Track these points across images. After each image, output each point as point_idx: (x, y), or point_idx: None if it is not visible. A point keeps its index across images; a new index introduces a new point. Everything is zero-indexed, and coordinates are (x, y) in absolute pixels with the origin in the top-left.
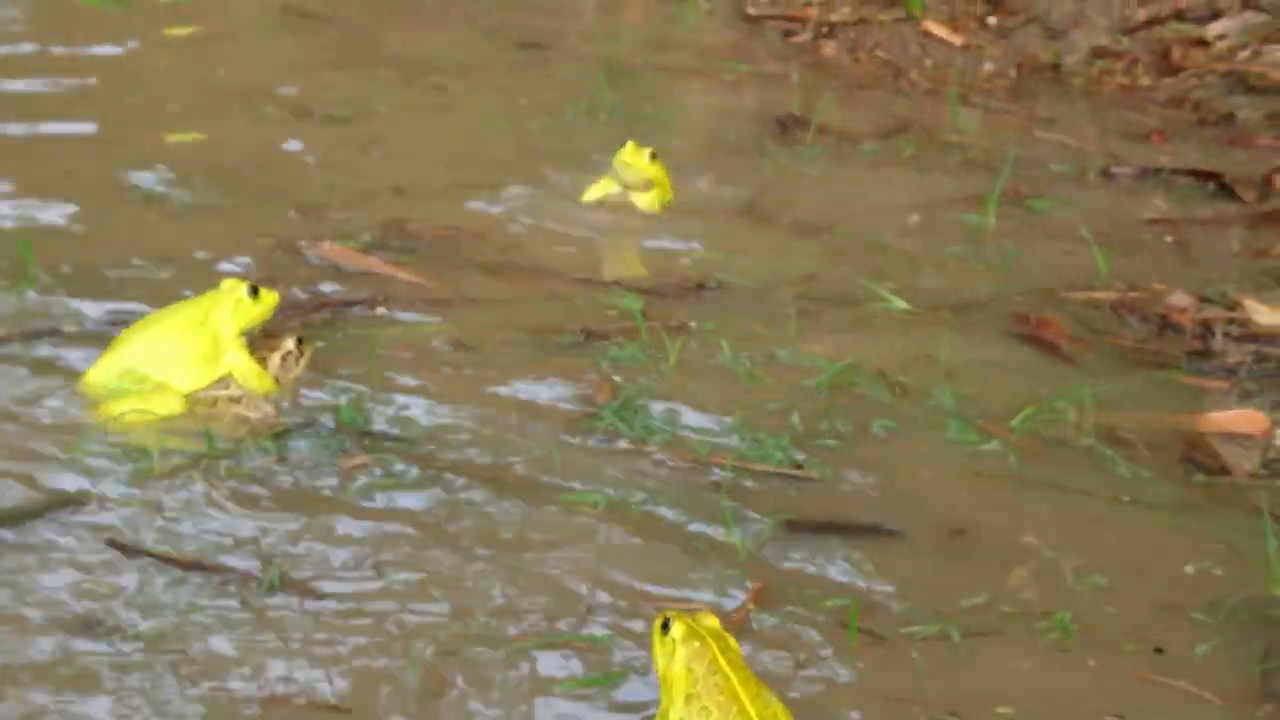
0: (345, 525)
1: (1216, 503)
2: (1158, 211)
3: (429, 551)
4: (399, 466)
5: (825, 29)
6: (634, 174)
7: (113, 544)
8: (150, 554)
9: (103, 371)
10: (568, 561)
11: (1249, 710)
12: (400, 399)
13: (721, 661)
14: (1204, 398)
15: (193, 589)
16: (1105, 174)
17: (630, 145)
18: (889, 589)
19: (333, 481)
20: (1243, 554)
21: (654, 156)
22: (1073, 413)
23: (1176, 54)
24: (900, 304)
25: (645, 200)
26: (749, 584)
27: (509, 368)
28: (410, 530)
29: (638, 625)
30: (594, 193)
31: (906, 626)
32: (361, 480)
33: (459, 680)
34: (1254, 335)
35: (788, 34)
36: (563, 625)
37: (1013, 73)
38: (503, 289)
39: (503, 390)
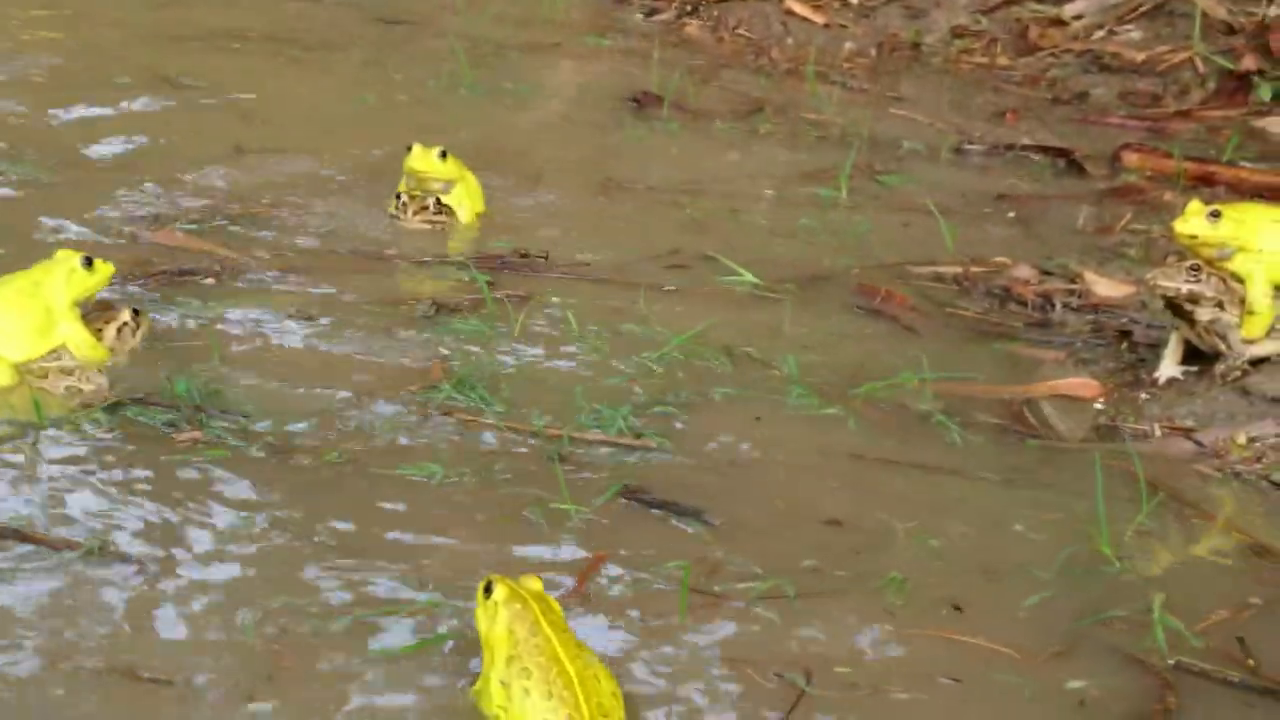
0: (174, 498)
1: (1048, 467)
2: (1007, 188)
3: (260, 524)
4: (233, 440)
5: (689, 7)
6: (427, 179)
7: None
8: None
9: None
10: (402, 532)
11: (1049, 664)
12: (235, 372)
13: (543, 623)
14: (1041, 366)
15: (13, 558)
16: (958, 151)
17: (417, 148)
18: (725, 553)
19: (164, 455)
20: (1073, 515)
21: (444, 155)
22: (912, 381)
23: (1034, 33)
24: (749, 277)
25: (454, 203)
26: (589, 554)
27: (350, 340)
28: (242, 503)
29: (466, 593)
30: (396, 205)
31: (742, 586)
32: (193, 454)
33: (288, 651)
34: (1093, 306)
35: (651, 13)
36: (394, 594)
37: (873, 52)
38: (350, 262)
39: (341, 363)
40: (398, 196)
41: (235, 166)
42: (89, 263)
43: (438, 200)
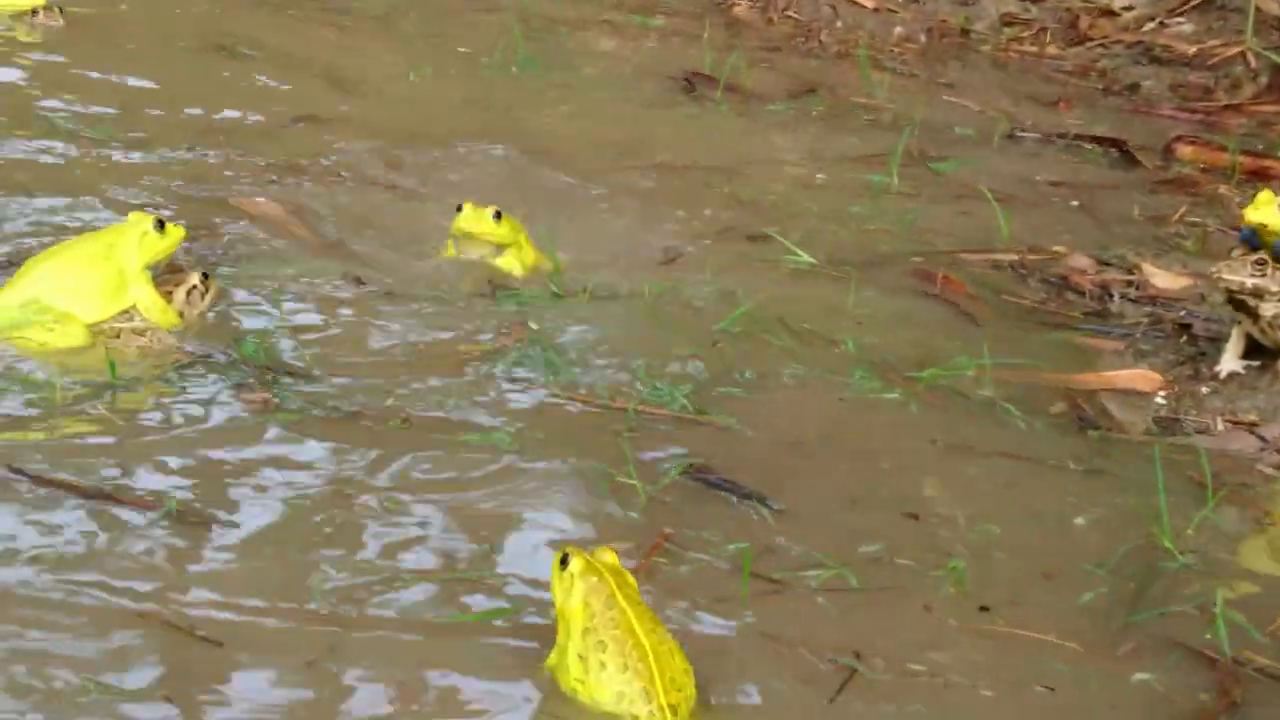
0: (244, 460)
1: (1109, 458)
2: (1060, 176)
3: (328, 488)
4: (300, 404)
5: None
6: (479, 243)
7: (14, 470)
8: (52, 482)
9: (5, 301)
10: (469, 499)
11: (1110, 656)
12: (303, 336)
13: (618, 596)
14: (1100, 357)
15: (93, 516)
16: (1010, 138)
17: (468, 208)
18: (787, 537)
19: (233, 416)
20: (1134, 508)
21: (499, 216)
22: (972, 368)
23: (1084, 23)
24: (805, 257)
25: (505, 263)
26: (653, 530)
27: (415, 309)
28: (311, 466)
29: (538, 563)
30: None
31: (803, 572)
32: (261, 416)
33: (354, 618)
34: (1151, 298)
35: None
36: (462, 562)
37: (922, 37)
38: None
39: (407, 330)
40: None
41: (294, 136)
42: (161, 226)
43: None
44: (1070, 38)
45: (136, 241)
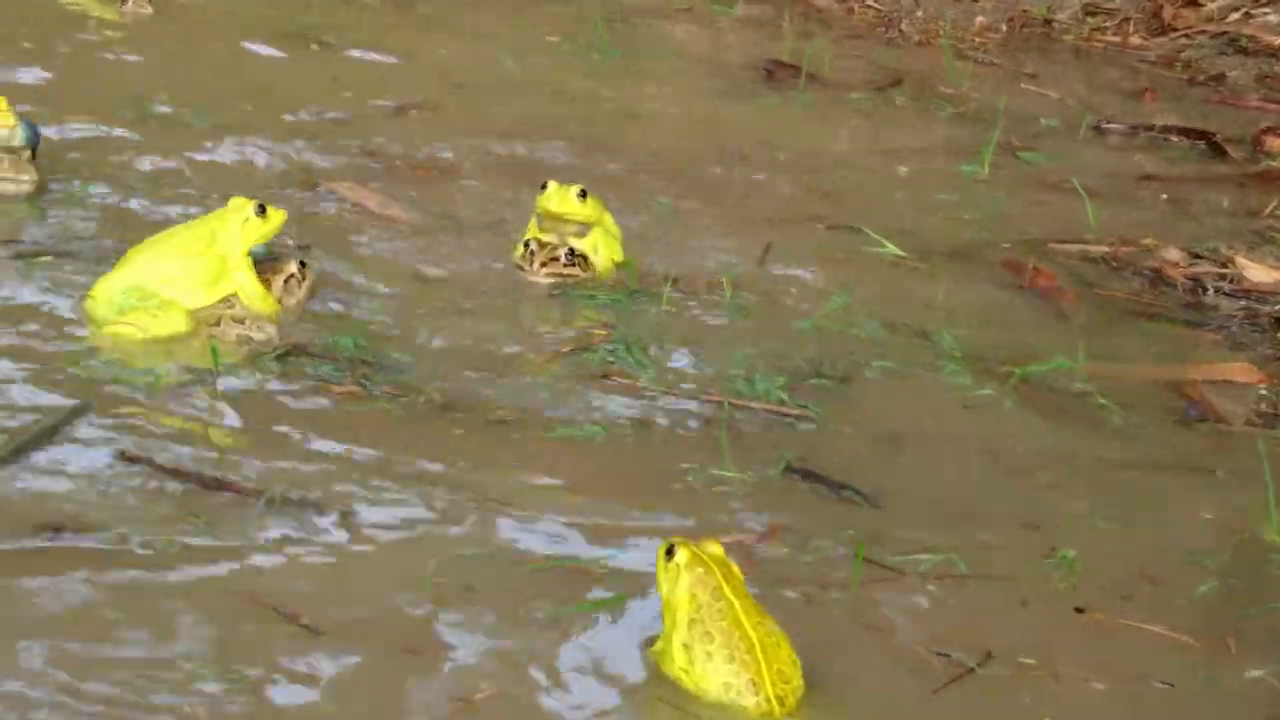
0: (344, 449)
1: (1211, 451)
2: (1148, 168)
3: (428, 480)
4: (396, 395)
5: None
6: (562, 222)
7: (124, 456)
8: (160, 467)
9: (109, 287)
10: (565, 492)
11: (1223, 651)
12: (397, 329)
13: (725, 588)
14: (1196, 350)
15: (197, 502)
16: (1096, 129)
17: (552, 186)
18: (891, 530)
19: (329, 405)
20: (1239, 501)
21: (584, 195)
22: (1068, 362)
23: (1168, 14)
24: (893, 249)
25: (589, 250)
26: (753, 522)
27: (504, 305)
28: (409, 458)
29: (639, 554)
30: (523, 254)
31: (909, 565)
32: (358, 406)
33: (453, 608)
34: (1245, 291)
35: None
36: (563, 552)
37: (1004, 27)
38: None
39: (497, 326)
40: (525, 244)
41: (385, 125)
42: (262, 210)
43: (571, 250)
44: (1153, 28)
45: (238, 227)
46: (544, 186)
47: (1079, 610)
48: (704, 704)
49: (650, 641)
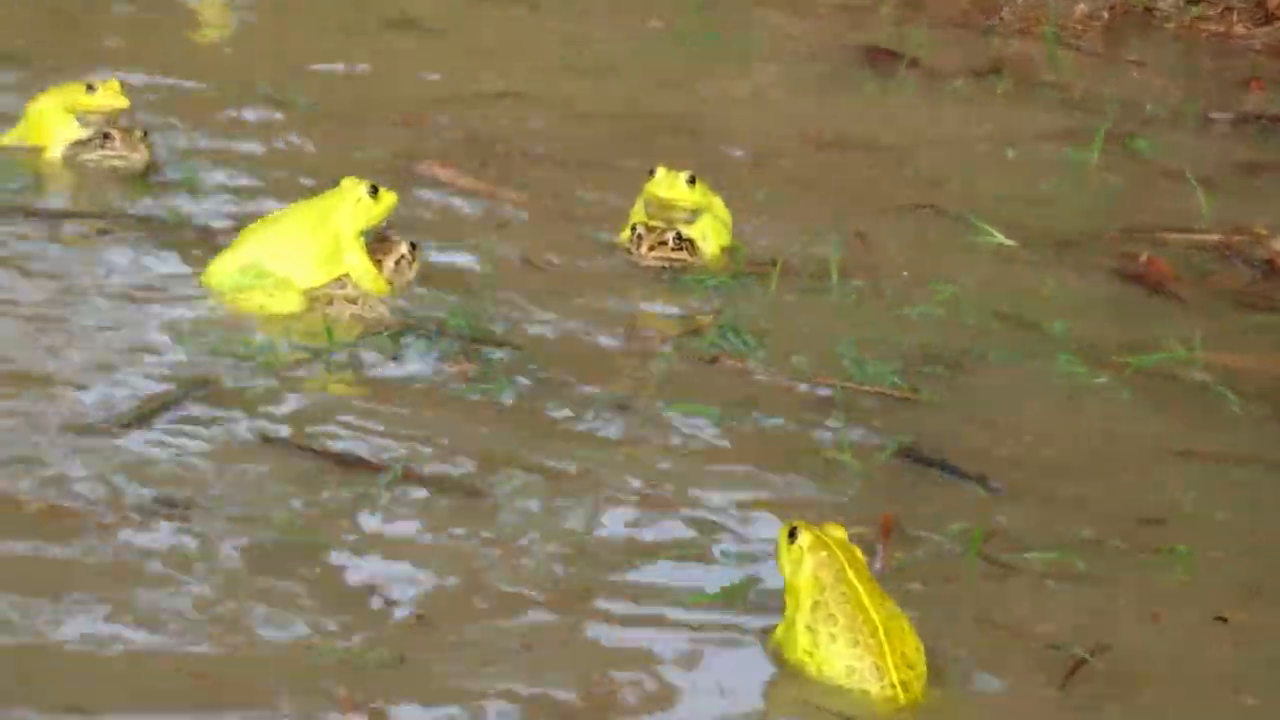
0: (461, 427)
1: None
2: (1256, 157)
3: (546, 461)
4: (507, 373)
5: None
6: (671, 208)
7: (243, 432)
8: (276, 441)
9: (225, 265)
10: (684, 475)
11: None
12: (505, 310)
13: (848, 571)
14: None
15: (316, 478)
16: (1203, 118)
17: (661, 172)
18: (1007, 519)
19: (445, 384)
20: None
21: (693, 181)
22: (1183, 351)
23: (1273, 2)
24: (1001, 237)
25: (697, 236)
26: (868, 506)
27: (611, 288)
28: (526, 438)
29: (759, 537)
30: (630, 238)
31: (1028, 555)
32: (472, 385)
33: (574, 594)
34: None
35: None
36: (684, 537)
37: (1105, 15)
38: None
39: (606, 306)
40: (633, 228)
41: (488, 110)
42: (374, 191)
43: (679, 235)
44: (1257, 17)
45: (351, 208)
46: (652, 172)
47: (1221, 619)
48: (827, 688)
49: (771, 625)
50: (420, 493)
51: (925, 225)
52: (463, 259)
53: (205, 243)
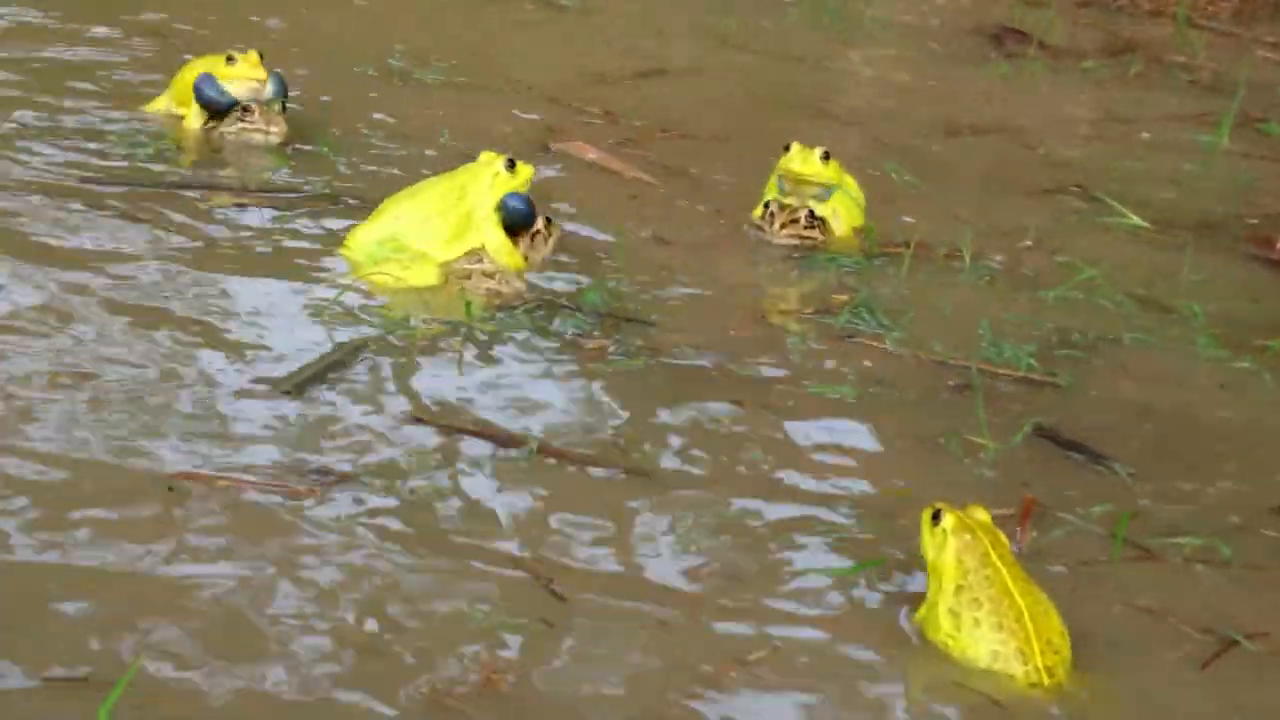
0: (600, 402)
1: None
2: None
3: (680, 433)
4: (642, 352)
5: None
6: (804, 184)
7: (415, 419)
8: (420, 416)
9: (363, 238)
10: (820, 455)
11: None
12: (639, 286)
13: (992, 555)
14: None
15: (460, 452)
16: None
17: (795, 148)
18: (1150, 502)
19: (580, 360)
20: None
21: (827, 157)
22: None
23: None
24: (1136, 220)
25: (828, 214)
26: (1007, 488)
27: (744, 265)
28: (668, 415)
29: (897, 519)
30: (763, 215)
31: (1172, 540)
32: (610, 361)
33: (713, 572)
34: None
35: None
36: (823, 517)
37: None
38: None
39: (737, 285)
40: (765, 205)
41: (622, 86)
42: (511, 165)
43: (811, 213)
44: None
45: (488, 181)
46: (787, 148)
47: None
48: (971, 671)
49: (913, 607)
50: (559, 466)
51: (1058, 207)
52: (599, 235)
53: (339, 215)
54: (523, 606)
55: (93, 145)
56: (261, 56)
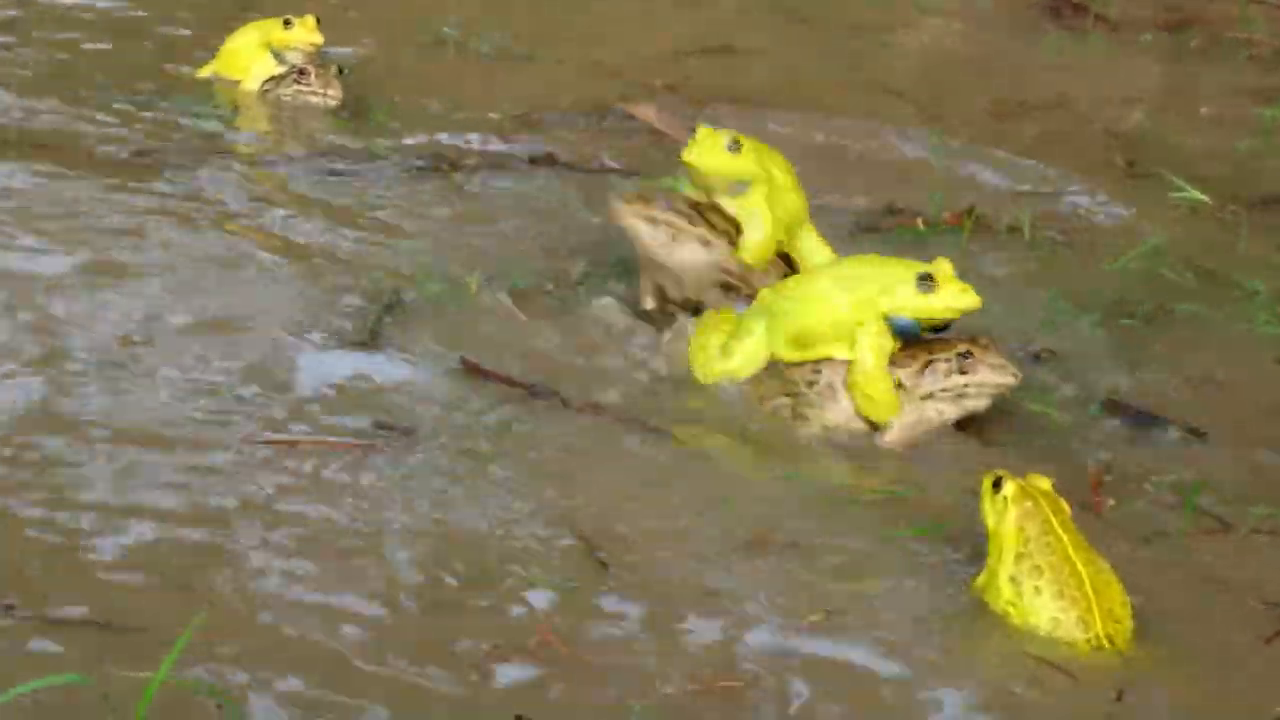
0: (635, 360)
1: None
2: None
3: (734, 398)
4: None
5: None
6: (711, 179)
7: (467, 364)
8: (478, 370)
9: None
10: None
11: None
12: None
13: (1054, 523)
14: None
15: (511, 408)
16: None
17: (701, 132)
18: (1216, 474)
19: (618, 321)
20: None
21: (737, 145)
22: None
23: None
24: (1196, 194)
25: (744, 216)
26: (1085, 461)
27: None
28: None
29: (960, 486)
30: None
31: (1238, 509)
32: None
33: (777, 527)
34: None
35: None
36: (879, 482)
37: None
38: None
39: None
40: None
41: (688, 64)
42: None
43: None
44: None
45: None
46: (692, 131)
47: None
48: (1032, 639)
49: (974, 574)
50: (608, 427)
51: (1118, 181)
52: None
53: (394, 180)
54: (572, 569)
55: (147, 114)
56: (318, 21)
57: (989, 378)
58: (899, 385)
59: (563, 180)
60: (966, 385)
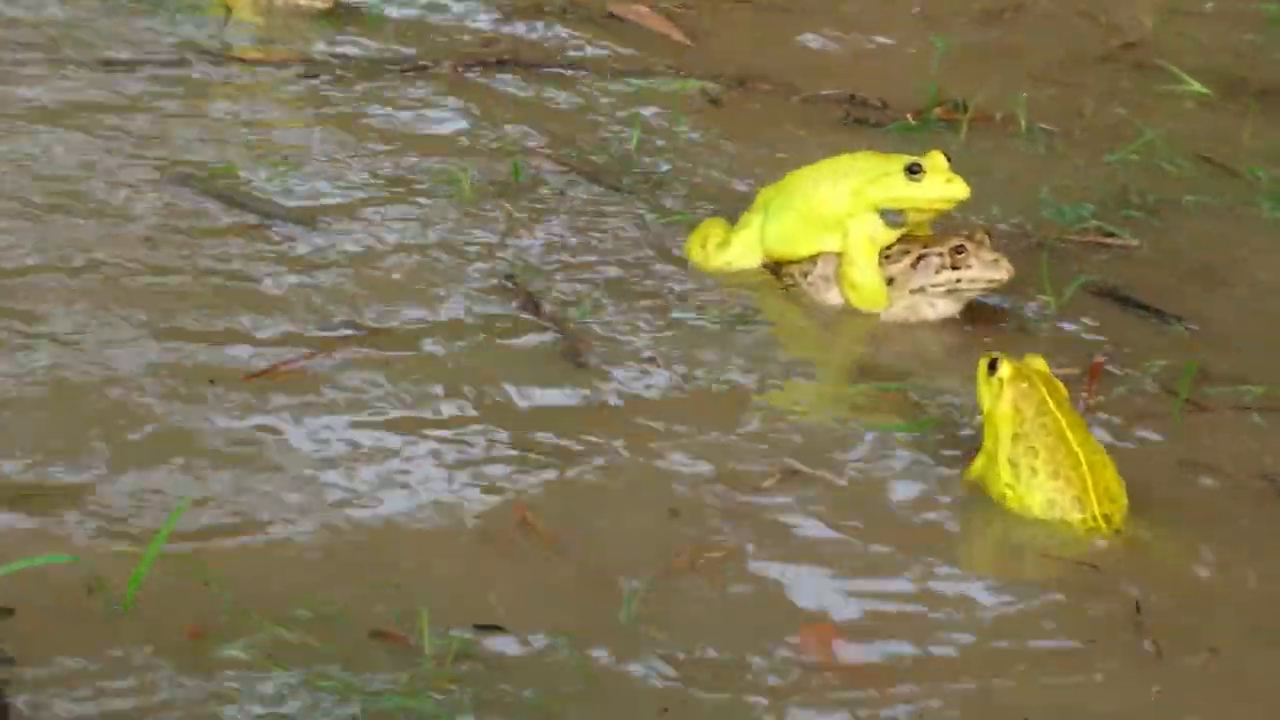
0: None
1: None
2: None
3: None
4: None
5: None
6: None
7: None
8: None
9: None
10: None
11: None
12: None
13: (1050, 403)
14: None
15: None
16: None
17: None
18: (1208, 358)
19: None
20: None
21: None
22: None
23: None
24: (1198, 87)
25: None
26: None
27: (792, 127)
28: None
29: (956, 372)
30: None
31: (1231, 391)
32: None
33: (765, 417)
34: None
35: None
36: (876, 377)
37: None
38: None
39: (779, 139)
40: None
41: None
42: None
43: None
44: None
45: None
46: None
47: None
48: (1028, 521)
49: (968, 460)
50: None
51: (1119, 74)
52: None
53: (396, 85)
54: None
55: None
56: None
57: (981, 273)
58: (890, 281)
59: None
60: (959, 280)
